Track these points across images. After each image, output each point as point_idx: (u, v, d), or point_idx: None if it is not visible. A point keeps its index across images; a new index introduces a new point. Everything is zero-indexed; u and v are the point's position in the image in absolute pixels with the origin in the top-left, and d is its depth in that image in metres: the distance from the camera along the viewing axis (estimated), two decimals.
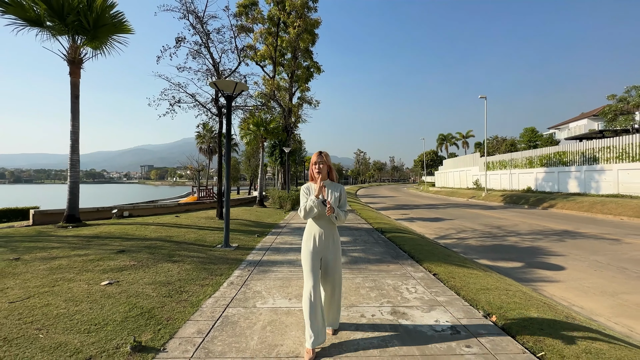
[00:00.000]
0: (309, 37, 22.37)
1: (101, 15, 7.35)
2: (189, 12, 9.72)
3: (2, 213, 13.34)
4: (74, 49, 7.56)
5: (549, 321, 3.07)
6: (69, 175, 7.82)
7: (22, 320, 2.80)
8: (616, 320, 4.32)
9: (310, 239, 2.67)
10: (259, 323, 3.07)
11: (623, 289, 5.49)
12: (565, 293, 5.32)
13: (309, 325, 2.48)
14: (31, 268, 4.22)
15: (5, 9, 6.71)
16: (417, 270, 4.97)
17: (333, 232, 2.73)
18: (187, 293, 3.78)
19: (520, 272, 6.46)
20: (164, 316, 3.12)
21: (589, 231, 11.40)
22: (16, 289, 3.48)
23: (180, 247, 6.00)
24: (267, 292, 3.95)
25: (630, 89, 21.15)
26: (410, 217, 16.08)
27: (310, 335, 2.46)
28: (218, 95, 10.13)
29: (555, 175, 25.23)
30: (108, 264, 4.59)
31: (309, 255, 2.63)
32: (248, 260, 5.50)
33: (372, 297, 3.80)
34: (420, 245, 7.01)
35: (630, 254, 7.85)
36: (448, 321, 3.12)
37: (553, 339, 2.71)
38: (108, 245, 5.72)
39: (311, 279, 2.58)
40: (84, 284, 3.75)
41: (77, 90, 7.67)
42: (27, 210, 13.14)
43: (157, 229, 7.68)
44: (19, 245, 5.44)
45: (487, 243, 9.52)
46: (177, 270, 4.58)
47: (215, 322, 3.08)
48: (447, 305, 3.52)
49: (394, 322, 3.10)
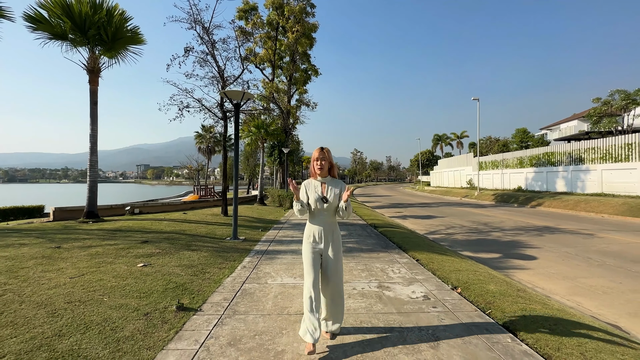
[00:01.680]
0: (307, 42, 23.11)
1: (119, 28, 8.08)
2: (196, 22, 10.45)
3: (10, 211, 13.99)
4: (93, 59, 8.27)
5: (501, 291, 3.88)
6: (88, 175, 8.54)
7: (86, 289, 3.56)
8: (569, 297, 5.13)
9: (311, 235, 2.67)
10: (271, 293, 3.85)
11: (582, 274, 6.31)
12: (532, 278, 6.13)
13: (309, 321, 2.50)
14: (74, 254, 4.96)
15: (36, 26, 7.44)
16: (402, 257, 5.77)
17: (333, 229, 2.70)
18: (209, 273, 4.54)
19: (497, 262, 7.27)
20: (195, 289, 3.89)
21: (568, 227, 12.27)
22: (70, 269, 4.23)
23: (194, 239, 6.76)
24: (275, 273, 4.73)
25: (613, 93, 22.15)
26: (404, 215, 16.91)
27: (310, 331, 2.48)
28: (223, 100, 10.87)
29: (544, 175, 26.21)
30: (137, 251, 5.33)
31: (309, 251, 2.63)
32: (256, 250, 6.27)
33: (362, 276, 4.59)
34: (408, 238, 7.81)
35: (598, 247, 8.70)
36: (422, 292, 3.92)
37: (500, 302, 3.52)
38: (131, 237, 6.46)
39: (311, 275, 2.58)
40: (123, 265, 4.51)
41: (95, 97, 8.39)
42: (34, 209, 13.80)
43: (170, 224, 8.43)
44: (54, 237, 6.17)
45: (472, 237, 10.33)
46: (197, 256, 5.34)
47: (236, 293, 3.85)
48: (423, 282, 4.32)
49: (379, 293, 3.89)
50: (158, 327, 2.85)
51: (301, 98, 24.84)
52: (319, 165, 2.67)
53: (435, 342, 2.70)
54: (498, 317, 3.21)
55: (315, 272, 2.60)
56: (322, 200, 2.62)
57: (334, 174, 2.76)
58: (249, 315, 3.21)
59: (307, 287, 2.57)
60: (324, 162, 2.67)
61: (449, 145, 68.67)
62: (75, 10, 7.43)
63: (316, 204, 2.64)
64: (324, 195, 2.64)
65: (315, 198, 2.64)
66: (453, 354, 2.52)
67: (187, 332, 2.82)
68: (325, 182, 2.70)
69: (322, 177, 2.71)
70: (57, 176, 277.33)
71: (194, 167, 39.54)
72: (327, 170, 2.70)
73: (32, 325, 2.71)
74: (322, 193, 2.65)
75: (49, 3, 7.30)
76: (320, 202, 2.62)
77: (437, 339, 2.76)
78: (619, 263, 6.99)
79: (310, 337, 2.45)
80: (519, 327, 2.95)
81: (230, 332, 2.84)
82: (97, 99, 8.41)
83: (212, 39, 10.62)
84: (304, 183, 2.76)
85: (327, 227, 2.66)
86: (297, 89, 24.52)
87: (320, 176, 2.71)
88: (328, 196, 2.63)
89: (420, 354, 2.52)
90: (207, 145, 41.37)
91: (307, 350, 2.46)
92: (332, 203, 2.64)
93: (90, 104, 8.37)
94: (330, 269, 2.65)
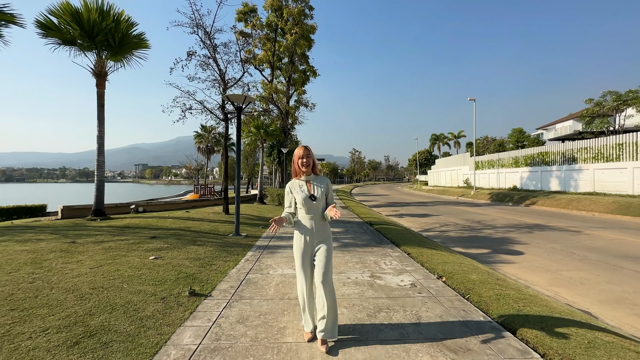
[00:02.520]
0: (306, 43, 23.49)
1: (126, 34, 8.45)
2: (198, 27, 10.82)
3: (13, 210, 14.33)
4: (100, 64, 8.64)
5: (482, 279, 4.29)
6: (95, 174, 8.91)
7: (105, 278, 3.94)
8: (548, 288, 5.55)
9: (301, 234, 2.67)
10: (273, 282, 4.24)
11: (564, 268, 6.73)
12: (517, 271, 6.54)
13: (305, 316, 2.75)
14: (89, 248, 5.33)
15: (47, 33, 7.80)
16: (395, 251, 6.17)
17: (324, 227, 2.71)
18: (215, 265, 4.93)
19: (485, 256, 7.67)
20: (204, 278, 4.28)
21: (557, 225, 12.70)
22: (88, 261, 4.61)
23: (199, 235, 7.14)
24: (276, 265, 5.12)
25: (605, 94, 22.66)
26: (400, 213, 17.32)
27: (307, 322, 2.76)
28: (224, 102, 11.24)
29: (539, 175, 26.69)
30: (147, 246, 5.71)
31: (300, 251, 2.65)
32: (257, 245, 6.66)
33: (357, 267, 4.99)
34: (402, 234, 8.22)
35: (583, 243, 9.13)
36: (410, 280, 4.32)
37: (479, 289, 3.92)
38: (140, 233, 6.84)
39: (302, 275, 2.65)
40: (136, 258, 4.89)
41: (102, 100, 8.75)
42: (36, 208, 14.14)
43: (175, 221, 8.81)
44: (67, 233, 6.54)
45: (464, 235, 10.75)
46: (203, 251, 5.72)
47: (241, 282, 4.24)
48: (412, 272, 4.72)
49: (371, 282, 4.30)
50: (174, 309, 3.24)
51: (300, 99, 25.23)
52: (304, 163, 2.66)
53: (417, 320, 3.10)
54: (475, 300, 3.62)
55: (306, 272, 2.65)
56: (310, 199, 2.63)
57: (317, 171, 2.76)
58: (253, 300, 3.60)
59: (299, 288, 2.68)
60: (308, 159, 2.67)
61: (447, 144, 69.24)
62: (84, 18, 7.80)
63: (305, 202, 2.64)
64: (311, 193, 2.65)
65: (303, 197, 2.64)
66: (432, 329, 2.92)
67: (200, 313, 3.21)
68: (309, 180, 2.71)
69: (306, 175, 2.71)
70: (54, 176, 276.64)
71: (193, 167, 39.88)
72: (311, 168, 2.70)
73: (65, 306, 3.09)
74: (309, 191, 2.65)
75: (59, 11, 7.69)
76: (308, 200, 2.63)
77: (419, 318, 3.16)
78: (600, 257, 7.41)
79: (307, 328, 2.74)
80: (492, 309, 3.36)
81: (238, 313, 3.23)
82: (103, 101, 8.77)
83: (214, 43, 11.00)
84: (288, 185, 2.77)
85: (317, 225, 2.66)
86: (296, 89, 24.91)
87: (305, 174, 2.71)
88: (315, 194, 2.65)
89: (403, 329, 2.92)
90: (207, 145, 41.71)
91: (306, 337, 2.70)
92: (320, 200, 2.66)
93: (97, 106, 8.73)
94: (321, 267, 2.59)
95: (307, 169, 2.68)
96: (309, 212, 2.66)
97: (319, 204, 2.67)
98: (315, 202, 2.64)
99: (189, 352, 2.48)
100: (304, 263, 2.64)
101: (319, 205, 2.67)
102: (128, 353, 2.40)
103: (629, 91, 21.55)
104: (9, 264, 4.29)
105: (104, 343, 2.50)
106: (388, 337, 2.77)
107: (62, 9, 7.67)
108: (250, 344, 2.62)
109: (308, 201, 2.63)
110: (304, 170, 2.68)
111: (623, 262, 6.95)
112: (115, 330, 2.72)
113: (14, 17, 7.83)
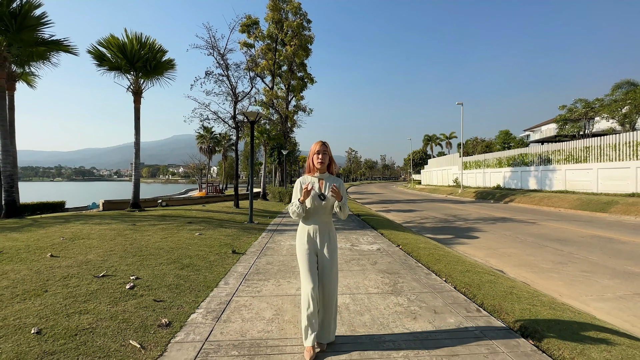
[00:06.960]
0: (304, 53, 25.49)
1: (159, 61, 10.43)
2: (214, 48, 12.80)
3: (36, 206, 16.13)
4: (137, 84, 10.60)
5: (426, 247, 6.35)
6: (133, 174, 10.89)
7: (175, 243, 5.94)
8: (483, 258, 7.53)
9: (305, 235, 2.54)
10: (284, 248, 6.28)
11: (503, 246, 8.74)
12: (466, 248, 8.56)
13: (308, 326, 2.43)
14: (148, 229, 7.31)
15: (101, 63, 9.79)
16: (373, 232, 8.24)
17: (330, 229, 2.58)
18: (242, 239, 6.96)
19: (448, 240, 9.67)
20: (237, 245, 6.30)
21: (521, 218, 14.73)
22: (154, 236, 6.60)
23: (222, 222, 9.16)
24: (285, 240, 7.16)
25: (576, 101, 24.90)
26: (388, 209, 19.38)
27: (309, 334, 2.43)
28: (235, 113, 13.26)
29: (519, 174, 28.90)
30: (188, 228, 7.71)
31: (304, 253, 2.50)
32: (268, 229, 8.69)
33: (342, 241, 7.05)
34: (382, 223, 10.28)
35: (530, 231, 11.16)
36: (378, 247, 6.38)
37: (421, 252, 5.97)
38: (177, 220, 8.84)
39: (309, 280, 2.45)
40: (186, 234, 6.90)
41: (138, 113, 10.73)
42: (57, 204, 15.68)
43: (198, 212, 10.81)
44: (123, 219, 8.51)
45: (438, 225, 12.79)
46: (230, 231, 7.74)
47: (263, 247, 6.28)
48: (381, 243, 6.78)
49: (351, 247, 6.34)
50: (226, 259, 5.26)
51: (298, 104, 27.24)
52: (319, 160, 2.51)
53: (374, 263, 5.15)
54: (415, 256, 5.67)
55: (313, 276, 2.46)
56: (320, 198, 2.48)
57: (332, 171, 2.63)
58: (273, 256, 5.64)
59: (304, 294, 2.44)
60: (325, 156, 2.53)
61: (439, 145, 71.63)
62: (128, 49, 9.77)
63: (313, 201, 2.50)
64: (322, 192, 2.52)
65: (312, 195, 2.49)
66: (382, 267, 4.97)
67: (243, 261, 5.24)
68: (322, 178, 2.58)
69: (320, 172, 2.57)
70: (50, 174, 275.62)
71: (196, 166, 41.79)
72: (326, 165, 2.57)
73: (162, 255, 5.10)
74: (319, 190, 2.52)
75: (109, 44, 9.66)
76: (317, 199, 2.49)
77: (375, 262, 5.22)
78: (536, 240, 9.42)
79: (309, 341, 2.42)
80: (423, 260, 5.41)
81: (265, 260, 5.27)
82: (139, 114, 10.74)
83: (227, 62, 13.00)
84: (299, 180, 2.62)
85: (322, 227, 2.54)
86: (295, 95, 26.91)
87: (319, 172, 2.57)
88: (326, 193, 2.51)
89: (365, 267, 4.97)
90: (208, 145, 43.66)
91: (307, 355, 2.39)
92: (329, 200, 2.51)
93: (134, 118, 10.70)
94: (325, 272, 2.50)
95: (322, 166, 2.54)
96: (316, 212, 2.54)
97: (327, 205, 2.53)
98: (325, 201, 2.50)
99: (244, 273, 4.52)
100: (310, 266, 2.47)
101: (327, 205, 2.54)
102: (212, 271, 4.43)
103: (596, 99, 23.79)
104: (106, 236, 6.26)
105: (197, 268, 4.53)
106: (354, 269, 4.82)
107: (111, 43, 9.64)
108: (276, 271, 4.66)
109: (317, 200, 2.50)
110: (318, 167, 2.55)
111: (550, 243, 8.95)
112: (198, 265, 4.73)
113: (69, 47, 9.77)
